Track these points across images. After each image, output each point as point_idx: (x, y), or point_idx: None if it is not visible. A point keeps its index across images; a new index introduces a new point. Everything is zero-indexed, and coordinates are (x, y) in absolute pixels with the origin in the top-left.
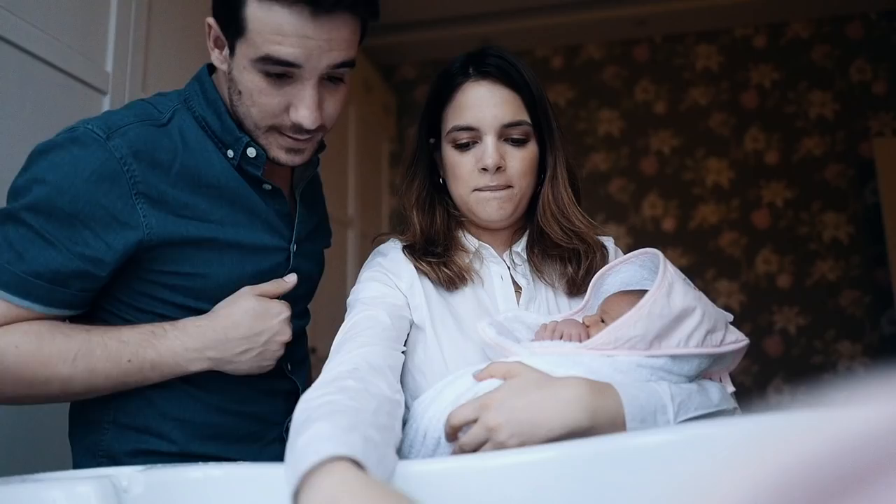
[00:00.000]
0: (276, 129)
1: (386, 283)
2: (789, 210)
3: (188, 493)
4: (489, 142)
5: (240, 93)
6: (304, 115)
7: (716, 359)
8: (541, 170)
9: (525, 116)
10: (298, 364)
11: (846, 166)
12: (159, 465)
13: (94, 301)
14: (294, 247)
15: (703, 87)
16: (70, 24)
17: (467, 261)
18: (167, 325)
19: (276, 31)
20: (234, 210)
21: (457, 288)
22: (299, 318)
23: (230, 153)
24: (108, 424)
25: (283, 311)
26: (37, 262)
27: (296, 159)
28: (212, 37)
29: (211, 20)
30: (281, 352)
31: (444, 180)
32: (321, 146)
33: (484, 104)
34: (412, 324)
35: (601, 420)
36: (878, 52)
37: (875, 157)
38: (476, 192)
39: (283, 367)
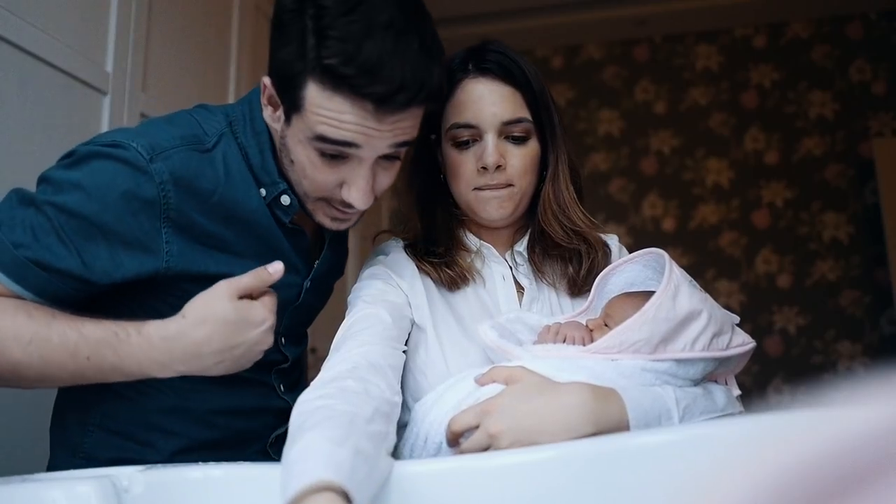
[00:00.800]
0: (325, 200)
1: (387, 281)
2: (789, 210)
3: (188, 493)
4: (489, 140)
5: (292, 162)
6: (357, 197)
7: (721, 361)
8: (542, 168)
9: (526, 114)
10: (293, 388)
11: (846, 166)
12: (159, 465)
13: (105, 302)
14: (308, 283)
15: (703, 87)
16: (70, 24)
17: (469, 260)
18: (131, 329)
19: (335, 118)
20: (259, 244)
21: (458, 288)
22: (296, 344)
23: (263, 191)
24: (93, 427)
25: (265, 319)
26: (43, 253)
27: (341, 226)
28: (266, 94)
29: (267, 80)
30: (260, 356)
31: (444, 178)
32: None
33: (484, 101)
34: (413, 323)
35: (605, 426)
36: (878, 52)
37: (875, 157)
38: (476, 190)
39: (276, 387)
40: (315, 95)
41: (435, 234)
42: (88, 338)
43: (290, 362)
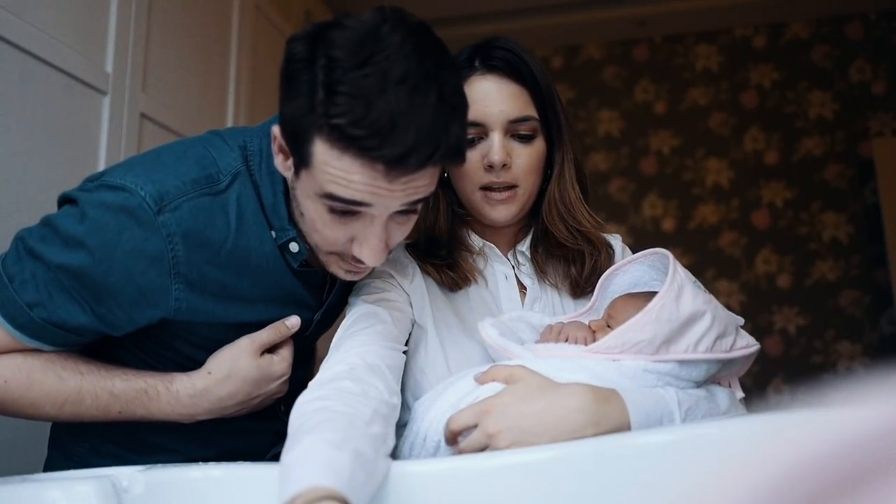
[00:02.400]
0: (338, 255)
1: (388, 280)
2: (789, 210)
3: (188, 493)
4: (496, 138)
5: (302, 214)
6: (368, 255)
7: (725, 363)
8: (548, 167)
9: (533, 112)
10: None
11: (846, 166)
12: (159, 465)
13: (109, 352)
14: (318, 316)
15: (703, 87)
16: (70, 24)
17: (471, 260)
18: (161, 387)
19: (345, 178)
20: (273, 289)
21: (461, 288)
22: (302, 367)
23: (273, 234)
24: (92, 436)
25: (284, 372)
26: (58, 314)
27: (355, 278)
28: (276, 143)
29: (276, 130)
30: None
31: (448, 176)
32: None
33: (490, 99)
34: (414, 323)
35: (605, 428)
36: (877, 52)
37: (875, 157)
38: (481, 191)
39: (277, 410)
40: (323, 153)
41: (437, 234)
42: (119, 397)
43: (288, 392)
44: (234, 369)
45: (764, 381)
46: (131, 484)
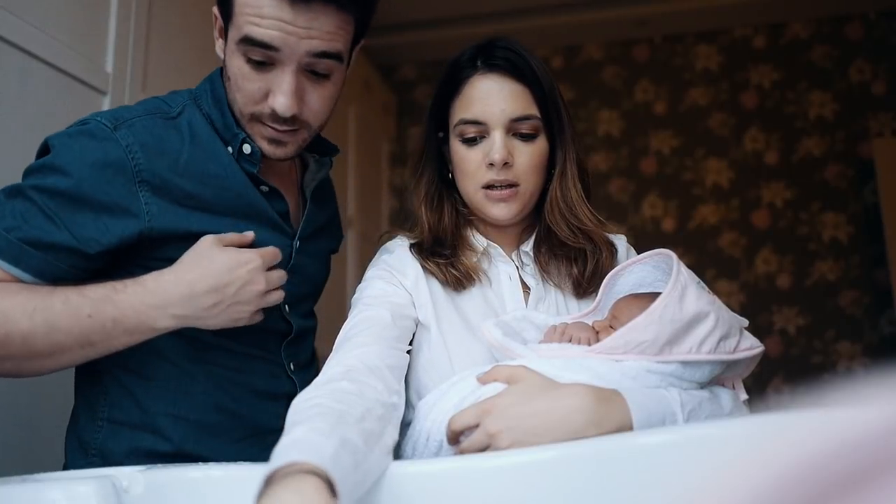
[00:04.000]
0: (257, 119)
1: (390, 281)
2: (789, 210)
3: (188, 493)
4: (497, 136)
5: (229, 78)
6: (280, 101)
7: (729, 365)
8: (550, 166)
9: (534, 111)
10: (303, 367)
11: (846, 166)
12: (159, 465)
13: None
14: (297, 244)
15: (703, 87)
16: (70, 24)
17: (475, 260)
18: (128, 281)
19: (256, 14)
20: (238, 203)
21: (464, 288)
22: (305, 318)
23: (229, 149)
24: (101, 422)
25: (251, 258)
26: (34, 232)
27: (278, 152)
28: (217, 26)
29: (215, 9)
30: (255, 304)
31: (452, 175)
32: (330, 149)
33: (492, 98)
34: (418, 323)
35: (607, 429)
36: (877, 52)
37: (874, 158)
38: (483, 190)
39: (286, 366)
40: None
41: (441, 233)
42: (89, 296)
43: (294, 332)
44: (198, 254)
45: (764, 381)
46: (131, 484)
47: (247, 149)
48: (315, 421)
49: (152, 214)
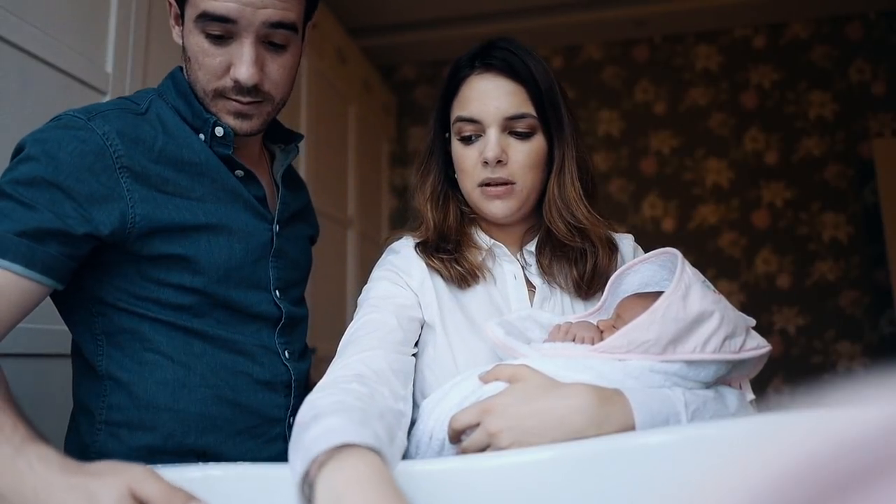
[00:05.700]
0: (221, 95)
1: (396, 282)
2: (789, 210)
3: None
4: (492, 134)
5: (189, 59)
6: (242, 70)
7: (735, 365)
8: (550, 164)
9: (529, 109)
10: (297, 355)
11: (846, 166)
12: (159, 466)
13: (93, 292)
14: (276, 227)
15: (703, 87)
16: (70, 24)
17: (480, 258)
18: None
19: None
20: (216, 189)
21: (469, 285)
22: (295, 305)
23: (202, 136)
24: (100, 425)
25: None
26: (17, 224)
27: (244, 126)
28: (172, 14)
29: None
30: None
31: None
32: (294, 137)
33: (487, 97)
34: (423, 323)
35: (608, 429)
36: (877, 52)
37: (874, 158)
38: (479, 188)
39: (281, 354)
40: None
41: (446, 231)
42: None
43: (285, 318)
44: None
45: (764, 381)
46: None
47: (219, 131)
48: (344, 413)
49: (135, 201)
